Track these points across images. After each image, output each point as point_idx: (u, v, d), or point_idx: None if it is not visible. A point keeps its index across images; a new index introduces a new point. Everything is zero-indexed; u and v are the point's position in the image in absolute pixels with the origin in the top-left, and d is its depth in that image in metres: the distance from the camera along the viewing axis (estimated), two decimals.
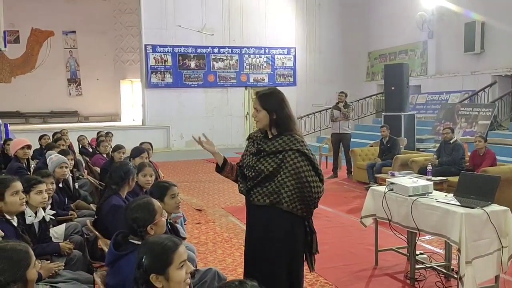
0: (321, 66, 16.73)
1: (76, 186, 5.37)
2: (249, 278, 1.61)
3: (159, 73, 15.13)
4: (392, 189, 4.22)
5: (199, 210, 7.07)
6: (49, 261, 3.19)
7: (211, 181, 9.33)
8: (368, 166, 8.51)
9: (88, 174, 7.14)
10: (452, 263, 4.26)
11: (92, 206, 4.79)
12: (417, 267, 4.17)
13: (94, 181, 5.71)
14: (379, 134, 9.09)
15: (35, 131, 12.62)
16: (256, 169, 2.85)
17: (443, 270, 4.19)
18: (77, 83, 20.46)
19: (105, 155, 7.23)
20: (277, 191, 2.79)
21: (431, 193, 4.10)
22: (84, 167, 7.84)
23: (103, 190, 3.87)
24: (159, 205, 2.55)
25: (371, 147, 9.92)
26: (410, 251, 4.26)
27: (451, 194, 4.07)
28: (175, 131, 15.26)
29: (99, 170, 6.30)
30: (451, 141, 7.47)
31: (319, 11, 16.65)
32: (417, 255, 4.38)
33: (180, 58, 15.25)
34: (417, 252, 4.44)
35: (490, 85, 11.82)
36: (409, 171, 6.67)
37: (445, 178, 6.51)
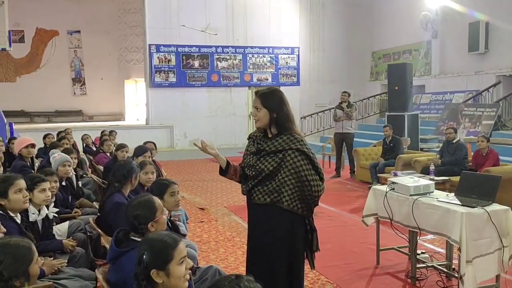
0: (324, 66, 16.71)
1: (79, 184, 5.41)
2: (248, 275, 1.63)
3: (163, 72, 15.18)
4: (393, 189, 4.22)
5: (202, 209, 7.10)
6: (52, 258, 3.21)
7: (214, 180, 9.35)
8: (371, 165, 8.50)
9: (91, 172, 7.18)
10: (453, 262, 4.26)
11: (95, 204, 4.82)
12: (418, 266, 4.17)
13: (97, 179, 5.76)
14: (383, 134, 9.09)
15: (39, 130, 12.69)
16: (256, 168, 2.87)
17: (444, 269, 4.19)
18: (81, 83, 20.54)
19: (108, 154, 7.28)
20: (277, 190, 2.82)
21: (432, 192, 4.10)
22: (88, 165, 7.90)
23: (106, 188, 3.90)
24: (160, 203, 2.57)
25: (374, 146, 9.93)
26: (411, 250, 4.27)
27: (452, 193, 4.08)
28: (178, 131, 15.29)
29: (102, 168, 6.35)
30: (454, 141, 7.47)
31: (323, 11, 16.63)
32: (419, 254, 4.39)
33: (183, 57, 15.28)
34: (419, 251, 4.45)
35: (494, 85, 11.78)
36: (412, 171, 6.68)
37: (447, 178, 6.51)
